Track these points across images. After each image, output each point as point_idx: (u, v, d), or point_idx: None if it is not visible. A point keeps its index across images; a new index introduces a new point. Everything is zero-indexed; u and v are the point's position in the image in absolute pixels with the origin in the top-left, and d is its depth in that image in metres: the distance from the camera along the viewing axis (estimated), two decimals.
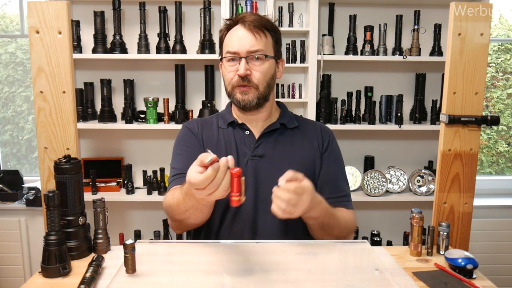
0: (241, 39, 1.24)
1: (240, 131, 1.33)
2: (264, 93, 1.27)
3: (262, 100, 1.27)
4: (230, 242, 1.18)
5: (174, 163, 1.33)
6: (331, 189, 1.30)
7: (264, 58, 1.25)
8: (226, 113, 1.38)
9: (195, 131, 1.35)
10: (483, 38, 1.24)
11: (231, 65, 1.26)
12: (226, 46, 1.28)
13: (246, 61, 1.23)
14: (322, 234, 1.22)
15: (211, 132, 1.34)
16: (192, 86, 2.60)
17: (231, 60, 1.26)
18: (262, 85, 1.26)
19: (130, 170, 2.52)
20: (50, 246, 1.01)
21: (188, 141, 1.33)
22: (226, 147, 1.30)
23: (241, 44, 1.23)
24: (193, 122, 1.39)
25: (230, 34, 1.28)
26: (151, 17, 2.51)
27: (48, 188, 1.24)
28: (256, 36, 1.24)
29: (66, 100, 1.30)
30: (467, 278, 1.03)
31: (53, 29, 1.26)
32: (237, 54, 1.24)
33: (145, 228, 2.69)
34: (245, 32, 1.25)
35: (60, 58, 1.28)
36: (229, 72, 1.26)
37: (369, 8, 2.58)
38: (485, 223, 2.64)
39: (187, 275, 0.99)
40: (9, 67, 2.79)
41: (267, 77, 1.27)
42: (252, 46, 1.23)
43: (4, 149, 2.87)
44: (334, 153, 1.36)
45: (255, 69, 1.25)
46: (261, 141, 1.31)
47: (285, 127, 1.34)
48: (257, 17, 1.27)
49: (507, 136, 2.95)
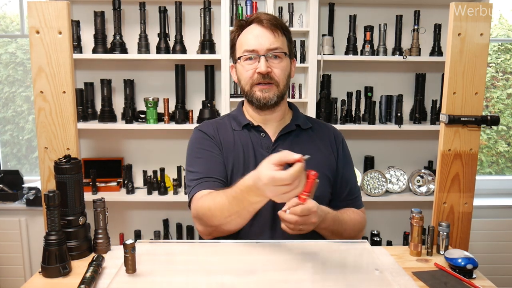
0: (259, 37, 1.23)
1: (256, 133, 1.31)
2: (284, 91, 1.27)
3: (280, 99, 1.27)
4: (230, 242, 1.18)
5: (193, 166, 1.28)
6: (346, 193, 1.35)
7: (283, 56, 1.25)
8: (239, 115, 1.35)
9: (212, 134, 1.31)
10: (483, 38, 1.24)
11: (249, 64, 1.24)
12: (243, 45, 1.25)
13: (265, 59, 1.22)
14: (333, 238, 1.25)
15: (227, 134, 1.32)
16: (192, 86, 2.61)
17: (248, 59, 1.24)
18: (283, 82, 1.26)
19: (130, 170, 2.52)
20: (50, 246, 1.01)
21: (205, 144, 1.30)
22: (244, 150, 1.27)
23: (259, 42, 1.22)
24: (208, 125, 1.35)
25: (246, 33, 1.26)
26: (151, 17, 2.51)
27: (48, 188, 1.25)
28: (274, 34, 1.24)
29: (66, 100, 1.30)
30: (467, 278, 1.03)
31: (53, 29, 1.26)
32: (255, 52, 1.23)
33: (145, 228, 2.69)
34: (263, 30, 1.24)
35: (60, 58, 1.28)
36: (247, 71, 1.25)
37: (369, 8, 2.58)
38: (485, 223, 2.64)
39: (187, 275, 0.99)
40: (9, 67, 2.79)
41: (286, 75, 1.27)
42: (271, 44, 1.22)
43: (4, 149, 2.87)
44: (347, 157, 1.39)
45: (275, 66, 1.24)
46: (278, 143, 1.30)
47: (300, 128, 1.34)
48: (272, 17, 1.26)
49: (507, 136, 2.95)
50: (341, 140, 1.39)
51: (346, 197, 1.35)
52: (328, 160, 1.33)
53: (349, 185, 1.36)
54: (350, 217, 1.30)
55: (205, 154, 1.28)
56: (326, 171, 1.31)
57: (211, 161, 1.26)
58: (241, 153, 1.27)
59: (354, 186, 1.38)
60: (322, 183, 1.29)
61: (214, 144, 1.30)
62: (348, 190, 1.35)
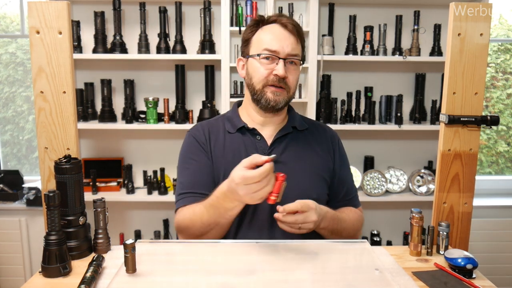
0: (282, 40, 1.22)
1: (251, 136, 1.30)
2: (292, 97, 1.28)
3: (287, 104, 1.29)
4: (230, 242, 1.18)
5: (181, 176, 1.30)
6: (343, 193, 1.36)
7: (299, 64, 1.26)
8: (234, 117, 1.33)
9: (202, 140, 1.30)
10: (482, 38, 1.24)
11: (267, 63, 1.22)
12: (263, 43, 1.23)
13: (284, 63, 1.21)
14: (333, 238, 1.26)
15: (218, 138, 1.30)
16: (192, 86, 2.61)
17: (266, 58, 1.23)
18: (293, 89, 1.27)
19: (130, 170, 2.53)
20: (50, 246, 1.01)
21: (194, 153, 1.29)
22: (234, 155, 1.26)
23: (282, 45, 1.21)
24: (199, 129, 1.33)
25: (267, 32, 1.24)
26: (151, 17, 2.51)
27: (48, 188, 1.25)
28: (297, 40, 1.24)
29: (67, 100, 1.30)
30: (467, 278, 1.03)
31: (53, 29, 1.26)
32: (276, 53, 1.21)
33: (145, 228, 2.69)
34: (287, 34, 1.23)
35: (60, 58, 1.28)
36: (264, 70, 1.22)
37: (369, 8, 2.58)
38: (485, 223, 2.64)
39: (187, 275, 0.99)
40: (10, 67, 2.79)
41: (296, 82, 1.28)
42: (293, 50, 1.22)
43: (4, 149, 2.87)
44: (343, 157, 1.39)
45: (291, 72, 1.23)
46: (274, 146, 1.29)
47: (296, 130, 1.33)
48: (295, 21, 1.26)
49: (507, 136, 2.95)
50: (337, 140, 1.39)
51: (343, 197, 1.35)
52: (325, 162, 1.33)
53: (346, 185, 1.36)
54: (349, 216, 1.30)
55: (192, 165, 1.28)
56: (323, 172, 1.31)
57: (197, 173, 1.27)
58: (230, 158, 1.25)
59: (351, 186, 1.38)
60: (319, 184, 1.29)
61: (203, 152, 1.29)
62: (345, 190, 1.36)
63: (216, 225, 1.16)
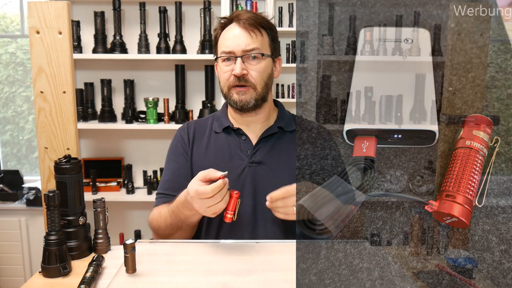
0: (236, 38, 1.20)
1: (236, 136, 1.28)
2: (262, 93, 1.23)
3: (260, 101, 1.24)
4: (230, 242, 1.18)
5: (163, 174, 1.34)
6: None
7: (261, 57, 1.22)
8: (222, 116, 1.32)
9: (185, 140, 1.31)
10: (483, 38, 1.24)
11: (226, 65, 1.21)
12: (221, 45, 1.23)
13: (242, 61, 1.19)
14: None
15: (203, 138, 1.30)
16: (192, 86, 2.61)
17: (226, 60, 1.21)
18: (260, 85, 1.22)
19: (130, 170, 2.53)
20: (50, 246, 1.01)
21: (175, 153, 1.31)
22: (217, 154, 1.26)
23: (236, 43, 1.20)
24: (185, 128, 1.35)
25: (225, 33, 1.24)
26: (151, 17, 2.51)
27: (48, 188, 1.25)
28: (252, 34, 1.21)
29: (66, 100, 1.30)
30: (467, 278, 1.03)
31: (53, 29, 1.26)
32: (232, 54, 1.20)
33: (145, 228, 2.69)
34: (240, 31, 1.21)
35: (60, 58, 1.28)
36: (224, 73, 1.22)
37: (369, 8, 2.58)
38: None
39: (187, 275, 0.99)
40: (10, 67, 2.79)
41: (264, 77, 1.23)
42: (247, 45, 1.20)
43: (4, 149, 2.87)
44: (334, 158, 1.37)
45: (252, 68, 1.21)
46: (258, 146, 1.26)
47: (283, 131, 1.30)
48: (252, 15, 1.23)
49: None
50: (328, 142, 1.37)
51: None
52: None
53: None
54: None
55: (172, 165, 1.31)
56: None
57: (174, 175, 1.29)
58: (212, 158, 1.26)
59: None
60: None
61: (183, 153, 1.30)
62: None
63: (178, 229, 1.19)
